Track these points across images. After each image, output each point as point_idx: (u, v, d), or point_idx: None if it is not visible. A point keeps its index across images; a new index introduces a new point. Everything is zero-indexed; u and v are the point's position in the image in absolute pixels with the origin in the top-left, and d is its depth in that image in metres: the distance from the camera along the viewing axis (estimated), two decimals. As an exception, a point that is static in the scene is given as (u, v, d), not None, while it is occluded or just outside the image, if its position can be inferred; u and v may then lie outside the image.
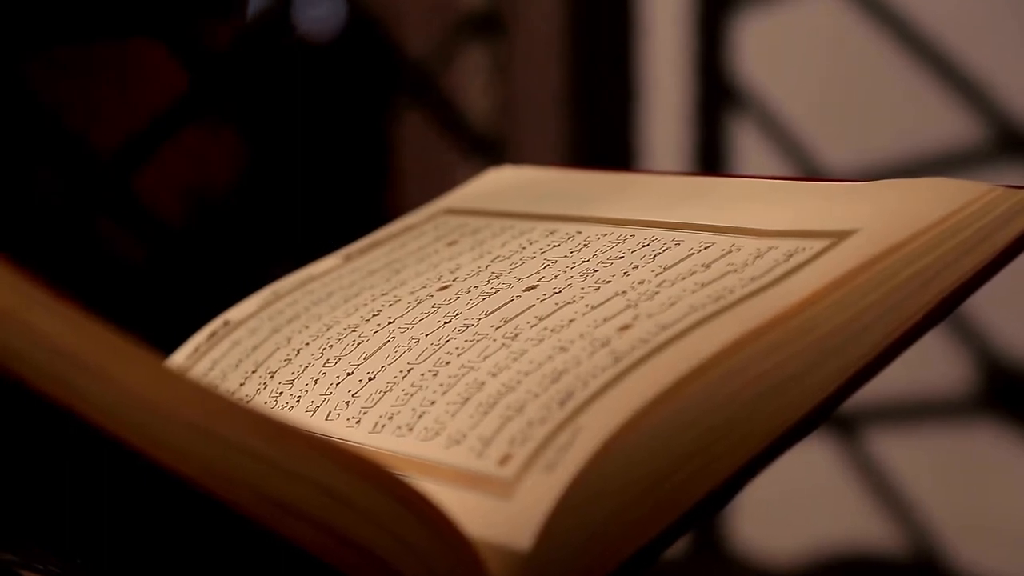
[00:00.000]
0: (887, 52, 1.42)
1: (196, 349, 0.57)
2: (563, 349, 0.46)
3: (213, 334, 0.58)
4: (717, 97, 1.58)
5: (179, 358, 0.57)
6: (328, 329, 0.54)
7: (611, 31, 1.65)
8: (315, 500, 0.39)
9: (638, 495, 0.42)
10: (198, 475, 0.37)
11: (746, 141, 1.57)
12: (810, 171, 1.52)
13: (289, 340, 0.55)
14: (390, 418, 0.48)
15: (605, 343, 0.45)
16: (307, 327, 0.55)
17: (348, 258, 0.60)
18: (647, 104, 1.62)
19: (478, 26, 1.69)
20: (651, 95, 1.62)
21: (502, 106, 1.67)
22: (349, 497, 0.39)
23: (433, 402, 0.47)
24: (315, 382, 0.52)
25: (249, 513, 0.38)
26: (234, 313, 0.59)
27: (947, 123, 1.40)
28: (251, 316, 0.58)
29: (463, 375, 0.47)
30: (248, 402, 0.40)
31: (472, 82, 1.67)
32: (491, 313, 0.50)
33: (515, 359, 0.47)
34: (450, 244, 0.57)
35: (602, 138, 1.65)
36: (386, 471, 0.40)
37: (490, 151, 1.66)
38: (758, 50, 1.56)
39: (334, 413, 0.50)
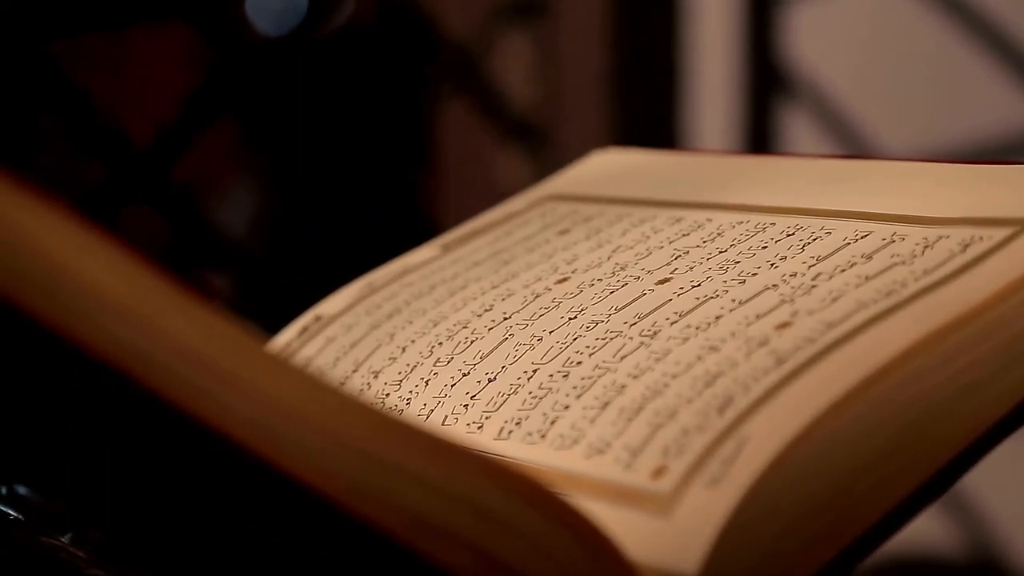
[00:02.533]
0: (942, 32, 1.38)
1: (287, 346, 0.53)
2: (713, 349, 0.42)
3: (304, 330, 0.54)
4: (767, 80, 1.54)
5: (269, 356, 0.53)
6: (435, 325, 0.50)
7: (656, 13, 1.60)
8: (467, 520, 0.35)
9: (814, 511, 0.37)
10: (342, 494, 0.33)
11: (797, 126, 1.53)
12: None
13: (392, 336, 0.51)
14: (517, 423, 0.44)
15: (763, 342, 0.41)
16: (411, 322, 0.51)
17: (446, 248, 0.56)
18: (694, 89, 1.57)
19: (520, 9, 1.64)
20: (698, 79, 1.58)
21: (545, 92, 1.63)
22: (504, 517, 0.35)
23: (567, 406, 0.43)
24: (426, 383, 0.48)
25: (396, 535, 0.34)
26: (326, 307, 0.54)
27: (1006, 106, 1.35)
28: (345, 311, 0.54)
29: (599, 377, 0.43)
30: (400, 415, 0.36)
31: (514, 67, 1.63)
32: (622, 308, 0.46)
33: (658, 360, 0.43)
34: (561, 233, 0.53)
35: (648, 124, 1.61)
36: (544, 488, 0.36)
37: (532, 137, 1.62)
38: (810, 32, 1.52)
39: (451, 417, 0.46)
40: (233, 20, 1.50)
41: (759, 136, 1.53)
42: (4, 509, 0.44)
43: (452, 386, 0.47)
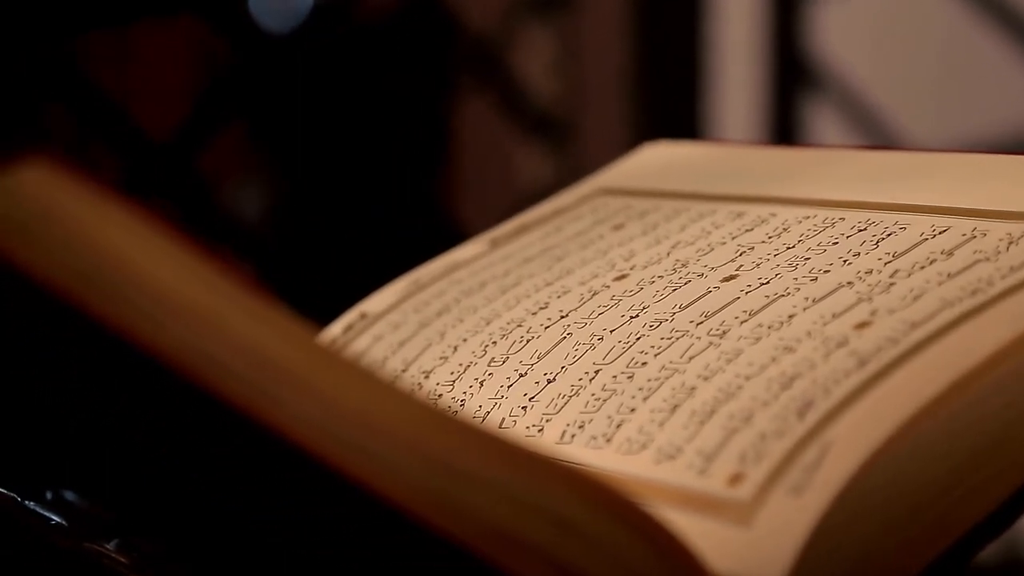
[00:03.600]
0: (967, 23, 1.36)
1: (332, 344, 0.51)
2: (788, 349, 0.40)
3: (349, 328, 0.52)
4: (791, 73, 1.52)
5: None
6: (488, 323, 0.48)
7: (679, 5, 1.58)
8: (547, 532, 0.33)
9: (903, 520, 0.36)
10: (418, 505, 0.32)
11: (822, 120, 1.51)
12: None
13: (442, 335, 0.49)
14: (580, 427, 0.42)
15: (842, 343, 0.39)
16: (461, 321, 0.49)
17: (495, 243, 0.54)
18: (717, 83, 1.55)
19: (541, 3, 1.62)
20: (721, 73, 1.56)
21: (566, 86, 1.61)
22: (585, 529, 0.33)
23: (633, 409, 0.41)
24: (480, 384, 0.46)
25: (474, 549, 0.32)
26: (371, 305, 0.53)
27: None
28: (391, 308, 0.52)
29: (666, 378, 0.41)
30: (475, 420, 0.34)
31: (535, 61, 1.61)
32: (686, 307, 0.44)
33: (729, 360, 0.41)
34: (616, 228, 0.51)
35: (671, 118, 1.59)
36: (626, 498, 0.34)
37: (553, 133, 1.60)
38: (834, 24, 1.50)
39: (509, 419, 0.44)
40: (248, 15, 1.48)
41: (783, 130, 1.51)
42: (47, 514, 0.42)
43: (509, 387, 0.45)
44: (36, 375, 0.31)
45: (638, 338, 0.44)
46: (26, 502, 0.42)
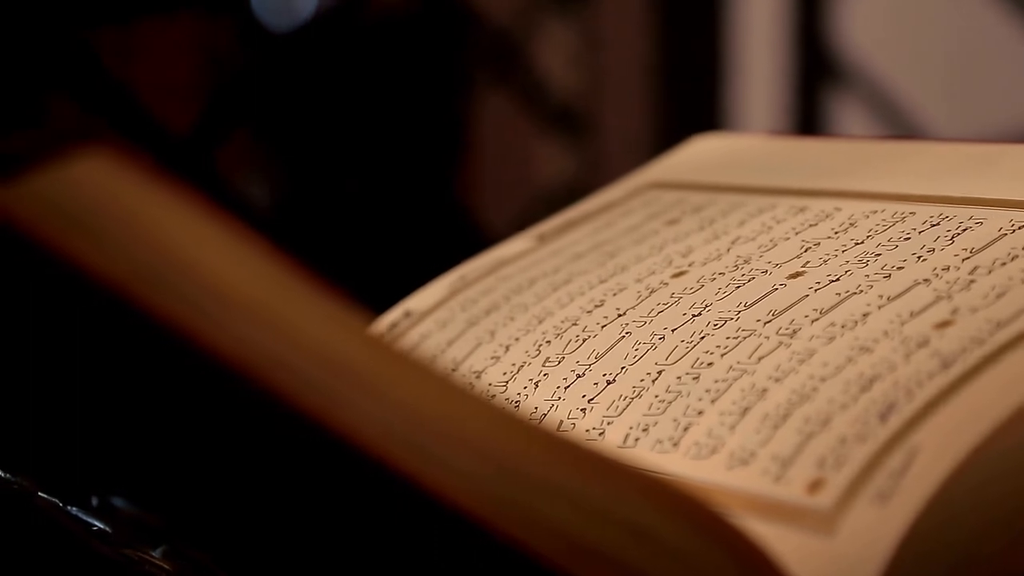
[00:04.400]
0: (996, 16, 1.35)
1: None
2: (865, 350, 0.38)
3: (394, 326, 0.50)
4: (816, 68, 1.50)
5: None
6: (540, 322, 0.47)
7: (701, -1, 1.57)
8: (624, 542, 0.31)
9: (996, 528, 0.34)
10: (490, 514, 0.30)
11: (847, 114, 1.50)
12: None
13: (492, 334, 0.47)
14: (644, 430, 0.40)
15: (922, 343, 0.37)
16: (512, 319, 0.48)
17: (542, 239, 0.52)
18: (739, 75, 1.54)
19: (561, -6, 1.61)
20: (743, 65, 1.54)
21: (587, 80, 1.60)
22: (665, 539, 0.32)
23: (700, 412, 0.39)
24: (536, 384, 0.44)
25: (548, 560, 0.30)
26: (415, 302, 0.51)
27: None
28: (437, 306, 0.50)
29: (734, 379, 0.40)
30: (550, 426, 0.33)
31: (555, 54, 1.59)
32: (752, 305, 0.42)
33: (801, 361, 0.39)
34: (670, 223, 0.50)
35: (693, 113, 1.58)
36: (707, 508, 0.32)
37: (573, 127, 1.59)
38: (859, 16, 1.48)
39: (568, 422, 0.42)
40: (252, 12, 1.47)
41: (806, 123, 1.50)
42: (88, 520, 0.41)
43: (566, 388, 0.43)
44: (89, 377, 0.29)
45: (702, 337, 0.42)
46: (68, 507, 0.41)
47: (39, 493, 0.41)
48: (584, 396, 0.43)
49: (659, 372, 0.42)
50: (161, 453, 0.32)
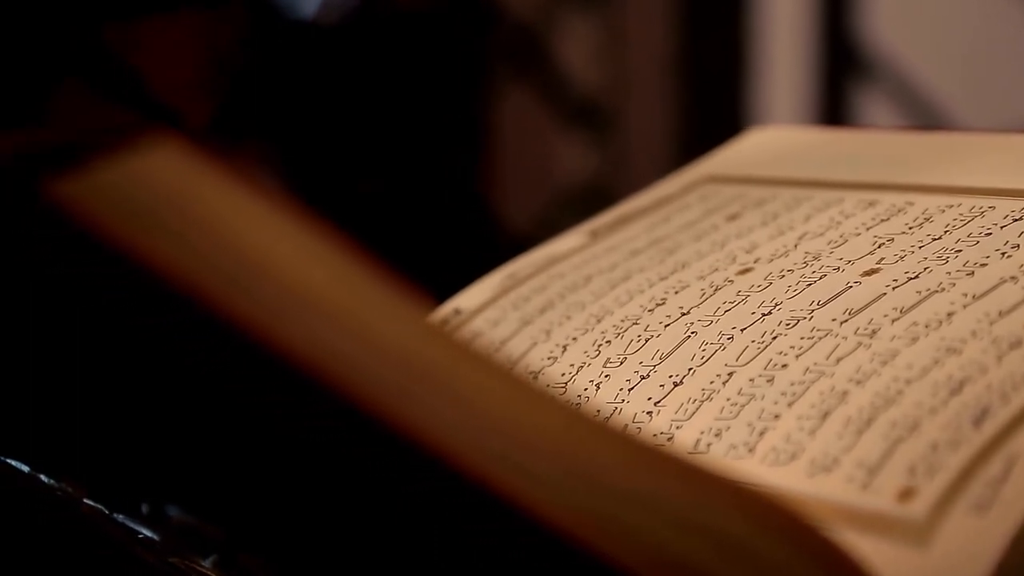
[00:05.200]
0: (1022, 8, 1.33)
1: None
2: (953, 351, 0.36)
3: (444, 324, 0.48)
4: (841, 59, 1.48)
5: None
6: (599, 321, 0.45)
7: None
8: (709, 555, 0.30)
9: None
10: (573, 526, 0.28)
11: (873, 107, 1.48)
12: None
13: (548, 333, 0.46)
14: (717, 435, 0.38)
15: (1015, 344, 0.36)
16: (568, 318, 0.46)
17: (595, 235, 0.51)
18: (764, 70, 1.52)
19: (582, -12, 1.59)
20: (768, 60, 1.52)
21: (610, 74, 1.58)
22: (755, 552, 0.30)
23: (777, 415, 0.38)
24: (597, 386, 0.43)
25: (625, 568, 0.28)
26: (465, 300, 0.49)
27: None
28: (488, 304, 0.49)
29: (812, 382, 0.38)
30: (632, 432, 0.31)
31: (577, 48, 1.58)
32: (825, 303, 0.41)
33: (884, 363, 0.37)
34: (730, 218, 0.48)
35: (717, 108, 1.56)
36: (801, 519, 0.30)
37: (596, 122, 1.57)
38: (886, 9, 1.46)
39: (633, 425, 0.41)
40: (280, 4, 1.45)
41: (833, 117, 1.48)
42: (135, 527, 0.39)
43: (630, 390, 0.42)
44: (152, 380, 0.28)
45: (774, 337, 0.40)
46: (114, 515, 0.39)
47: (85, 500, 0.39)
48: (650, 398, 0.41)
49: (730, 374, 0.40)
50: (225, 458, 0.30)
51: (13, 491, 0.40)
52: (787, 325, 0.41)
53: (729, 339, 0.41)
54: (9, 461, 0.39)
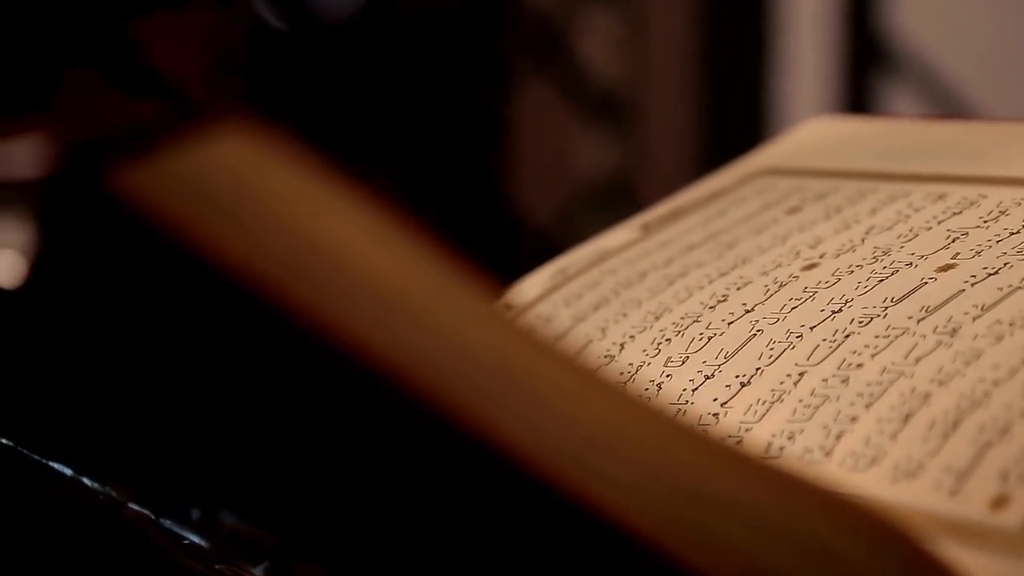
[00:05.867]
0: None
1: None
2: (1042, 350, 0.35)
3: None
4: (865, 53, 1.46)
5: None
6: (657, 319, 0.43)
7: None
8: (794, 564, 0.28)
9: None
10: (658, 534, 0.27)
11: (900, 102, 1.46)
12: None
13: (603, 331, 0.44)
14: (790, 438, 0.37)
15: (1110, 343, 0.34)
16: (625, 315, 0.44)
17: (647, 229, 0.49)
18: (787, 62, 1.50)
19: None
20: (791, 52, 1.51)
21: (631, 68, 1.56)
22: (849, 562, 0.28)
23: (854, 418, 0.36)
24: (657, 386, 0.41)
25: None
26: (514, 296, 0.48)
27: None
28: (539, 300, 0.47)
29: (890, 382, 0.36)
30: (721, 435, 0.29)
31: (598, 41, 1.56)
32: (899, 300, 0.39)
33: (967, 363, 0.36)
34: (791, 212, 0.46)
35: (737, 101, 1.54)
36: (896, 528, 0.29)
37: (616, 116, 1.55)
38: (914, 1, 1.45)
39: (698, 428, 0.39)
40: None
41: (857, 111, 1.46)
42: (181, 533, 0.37)
43: (694, 391, 0.40)
44: (215, 379, 0.26)
45: (847, 336, 0.39)
46: (160, 520, 0.37)
47: (129, 504, 0.37)
48: (716, 399, 0.39)
49: (801, 374, 0.38)
50: (285, 460, 0.28)
51: (55, 494, 0.39)
52: (860, 323, 0.39)
53: (798, 337, 0.40)
54: (52, 464, 0.37)
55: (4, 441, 0.37)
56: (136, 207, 0.23)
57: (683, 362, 0.41)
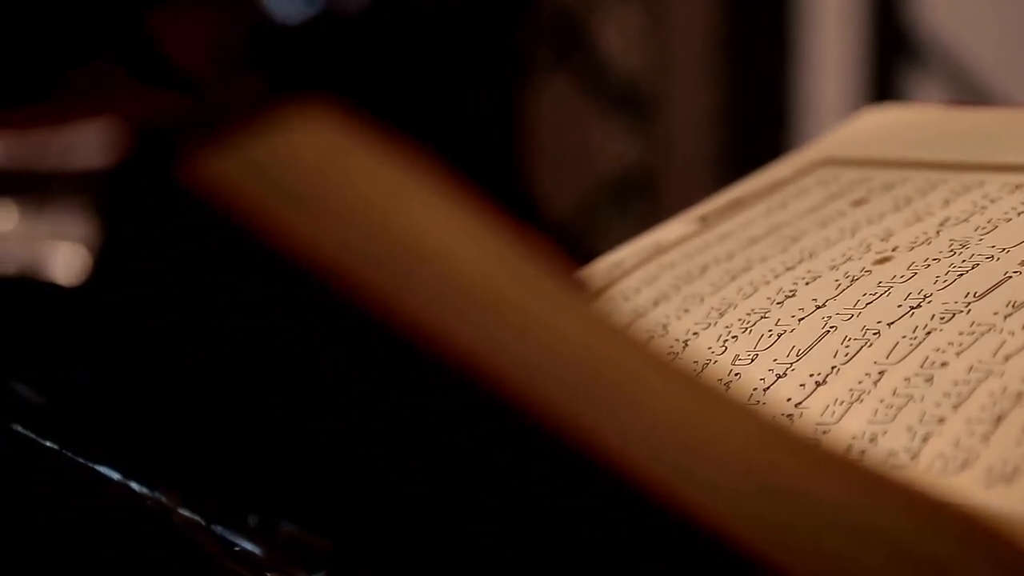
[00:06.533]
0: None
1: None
2: None
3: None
4: (892, 44, 1.44)
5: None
6: (721, 315, 0.42)
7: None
8: (887, 566, 0.26)
9: None
10: (752, 540, 0.25)
11: (926, 94, 1.44)
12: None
13: (665, 327, 0.42)
14: (872, 440, 0.35)
15: None
16: (686, 311, 0.43)
17: (705, 222, 0.47)
18: (811, 54, 1.48)
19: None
20: (815, 43, 1.49)
21: (652, 59, 1.54)
22: (952, 568, 0.27)
23: (941, 419, 0.34)
24: (726, 386, 0.39)
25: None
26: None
27: None
28: (594, 296, 0.45)
29: (979, 382, 0.35)
30: (814, 436, 0.28)
31: (618, 32, 1.54)
32: (983, 295, 0.37)
33: (1061, 361, 0.34)
34: (856, 204, 0.44)
35: (760, 92, 1.52)
36: (995, 531, 0.27)
37: (637, 108, 1.54)
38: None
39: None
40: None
41: (881, 101, 1.44)
42: (232, 540, 0.36)
43: (765, 391, 0.38)
44: (293, 383, 0.24)
45: (927, 332, 0.37)
46: (212, 526, 0.36)
47: (179, 509, 0.36)
48: (789, 399, 0.38)
49: (880, 372, 0.36)
50: (371, 468, 0.27)
51: (99, 498, 0.37)
52: (941, 319, 0.37)
53: (875, 334, 0.38)
54: (98, 467, 0.35)
55: (49, 444, 0.35)
56: (210, 198, 0.21)
57: (752, 360, 0.39)
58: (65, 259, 0.23)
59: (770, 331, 0.40)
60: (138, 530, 0.38)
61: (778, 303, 0.41)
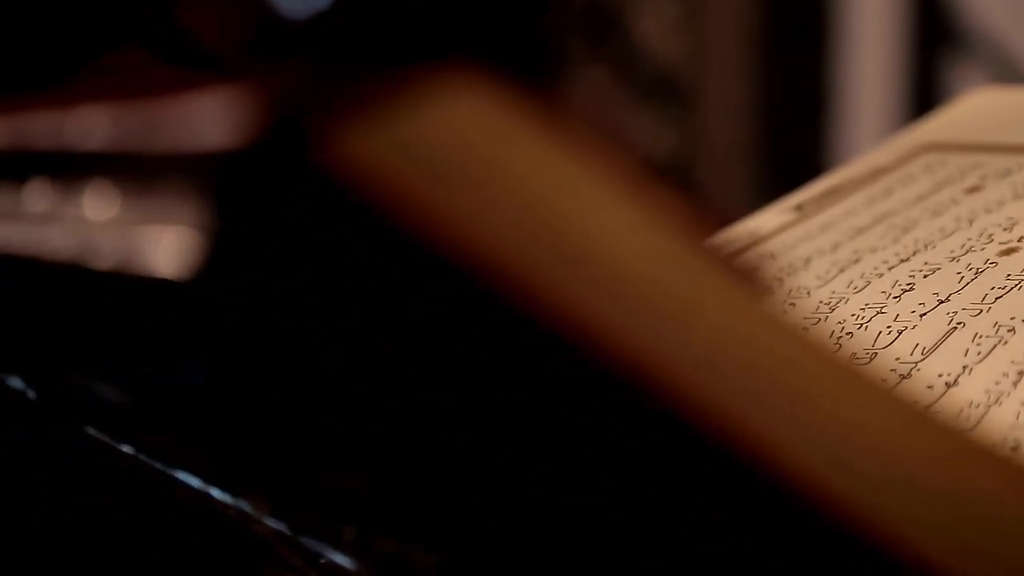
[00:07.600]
0: None
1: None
2: None
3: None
4: (934, 31, 1.42)
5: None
6: (832, 310, 0.39)
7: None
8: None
9: None
10: (902, 532, 0.22)
11: (969, 83, 1.41)
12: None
13: (770, 324, 0.39)
14: (1014, 448, 0.32)
15: None
16: (792, 305, 0.40)
17: (802, 211, 0.44)
18: (849, 41, 1.45)
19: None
20: (856, 33, 1.46)
21: (689, 48, 1.52)
22: None
23: (1094, 424, 0.32)
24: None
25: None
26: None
27: None
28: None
29: None
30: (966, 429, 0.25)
31: (654, 21, 1.51)
32: None
33: None
34: (970, 191, 0.42)
35: (797, 80, 1.50)
36: None
37: (673, 98, 1.51)
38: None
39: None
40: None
41: (923, 93, 1.41)
42: (319, 551, 0.33)
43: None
44: (436, 380, 0.22)
45: (1069, 330, 0.34)
46: (299, 537, 0.33)
47: (263, 519, 0.33)
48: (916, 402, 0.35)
49: (1020, 372, 0.34)
50: (490, 472, 0.24)
51: (172, 505, 0.34)
52: (1083, 316, 0.34)
53: (1010, 331, 0.35)
54: (176, 474, 0.33)
55: (125, 449, 0.33)
56: (352, 182, 0.19)
57: (871, 359, 0.37)
58: (172, 249, 0.20)
59: (889, 327, 0.37)
60: (212, 538, 0.35)
61: (894, 297, 0.38)
